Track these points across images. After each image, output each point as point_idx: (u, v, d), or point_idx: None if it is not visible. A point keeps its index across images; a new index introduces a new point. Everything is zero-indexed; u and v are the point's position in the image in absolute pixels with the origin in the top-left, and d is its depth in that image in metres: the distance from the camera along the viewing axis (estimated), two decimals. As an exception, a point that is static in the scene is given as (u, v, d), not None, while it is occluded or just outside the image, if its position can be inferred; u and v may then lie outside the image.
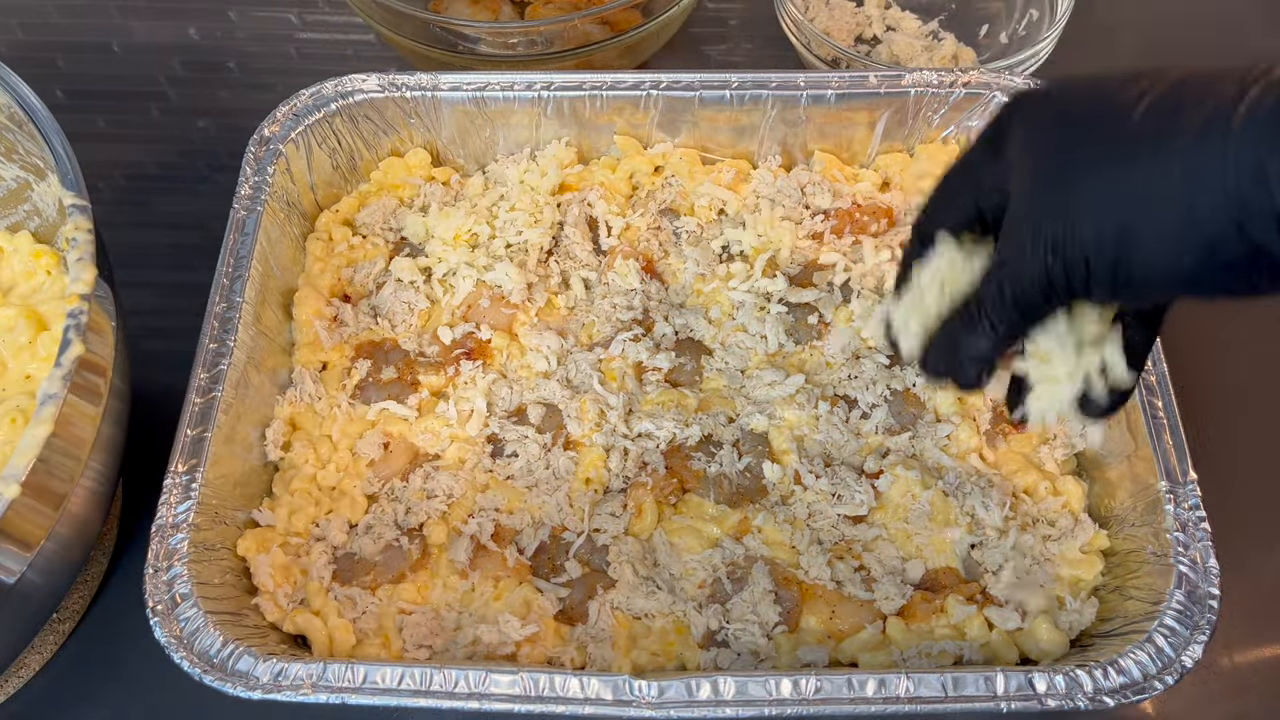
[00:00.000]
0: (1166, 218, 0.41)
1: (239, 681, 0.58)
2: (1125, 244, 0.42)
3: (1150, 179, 0.41)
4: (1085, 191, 0.43)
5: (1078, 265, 0.43)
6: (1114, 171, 0.42)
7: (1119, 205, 0.42)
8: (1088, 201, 0.42)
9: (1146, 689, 0.57)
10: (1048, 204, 0.44)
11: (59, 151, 0.63)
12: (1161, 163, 0.40)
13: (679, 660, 0.65)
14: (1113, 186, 0.42)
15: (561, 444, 0.72)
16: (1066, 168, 0.44)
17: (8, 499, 0.51)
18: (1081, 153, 0.43)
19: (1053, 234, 0.43)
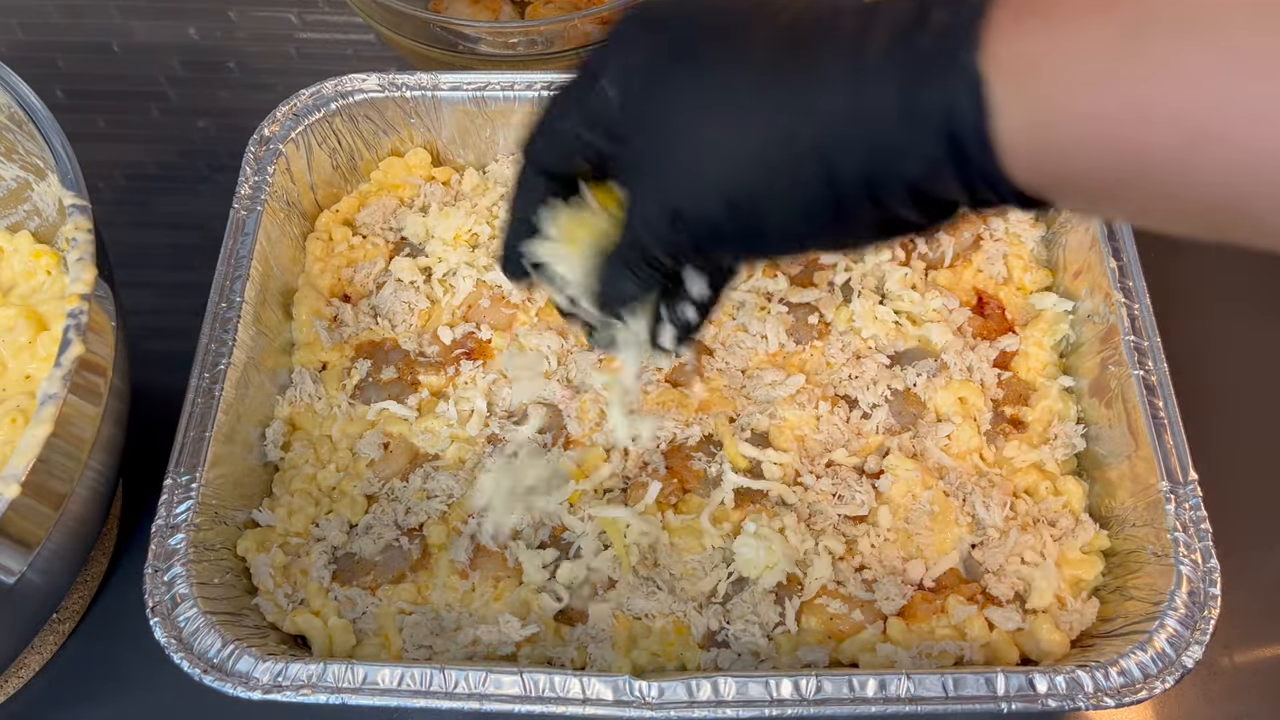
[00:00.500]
0: (796, 173, 0.36)
1: (239, 682, 0.58)
2: (754, 206, 0.38)
3: (774, 129, 0.36)
4: (704, 148, 0.38)
5: (705, 231, 0.39)
6: (735, 124, 0.37)
7: (742, 162, 0.37)
8: (708, 160, 0.38)
9: (1147, 689, 0.57)
10: (666, 165, 0.39)
11: (59, 151, 0.63)
12: (786, 111, 0.36)
13: (679, 660, 0.65)
14: (735, 141, 0.37)
15: (562, 444, 0.72)
16: (682, 119, 0.39)
17: (8, 499, 0.51)
18: (698, 101, 0.38)
19: (675, 201, 0.39)
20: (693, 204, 0.39)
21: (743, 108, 0.37)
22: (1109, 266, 0.72)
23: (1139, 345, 0.69)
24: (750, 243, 0.40)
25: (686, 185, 0.39)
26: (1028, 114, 0.32)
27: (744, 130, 0.37)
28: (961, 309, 0.77)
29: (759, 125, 0.37)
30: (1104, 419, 0.70)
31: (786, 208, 0.37)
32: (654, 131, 0.40)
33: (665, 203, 0.40)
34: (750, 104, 0.37)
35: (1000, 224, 0.80)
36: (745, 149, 0.37)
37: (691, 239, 0.40)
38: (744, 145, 0.37)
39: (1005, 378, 0.75)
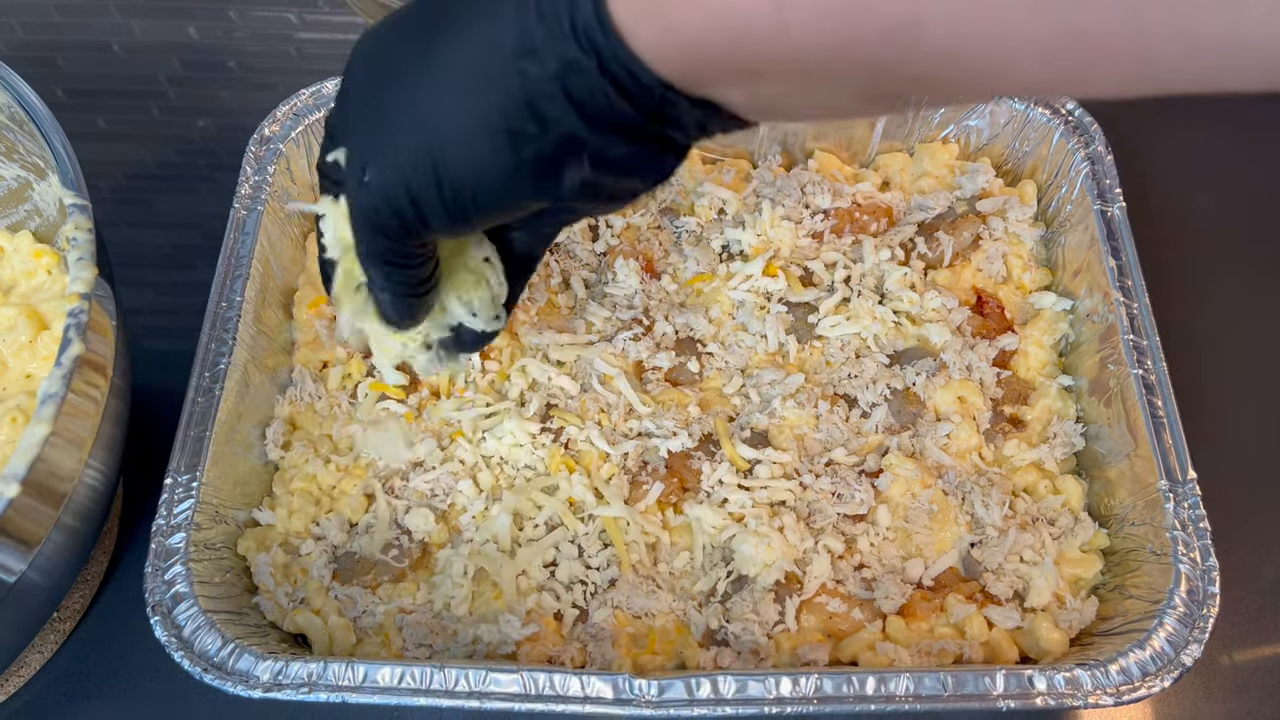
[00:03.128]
0: (466, 124, 0.37)
1: (239, 680, 0.58)
2: (441, 167, 0.38)
3: (436, 85, 0.37)
4: (389, 118, 0.39)
5: (404, 201, 0.40)
6: (405, 87, 0.39)
7: (418, 124, 0.38)
8: (393, 127, 0.39)
9: (1146, 688, 0.57)
10: (365, 141, 0.41)
11: (59, 151, 0.63)
12: (440, 63, 0.37)
13: (679, 659, 0.65)
14: (408, 104, 0.39)
15: (562, 443, 0.72)
16: (372, 97, 0.41)
17: (8, 498, 0.51)
18: (380, 78, 0.41)
19: (364, 165, 0.40)
20: (378, 167, 0.40)
21: (404, 70, 0.39)
22: (1108, 265, 0.72)
23: (1138, 344, 0.69)
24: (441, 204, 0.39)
25: (371, 151, 0.40)
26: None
27: (409, 90, 0.38)
28: (961, 308, 0.77)
29: (421, 83, 0.38)
30: (1103, 418, 0.70)
31: (464, 156, 0.38)
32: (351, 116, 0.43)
33: (353, 170, 0.41)
34: (410, 66, 0.38)
35: (999, 223, 0.80)
36: (413, 109, 0.38)
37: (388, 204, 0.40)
38: (411, 105, 0.38)
39: (1004, 377, 0.75)
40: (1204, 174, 0.90)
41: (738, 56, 0.33)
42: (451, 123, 0.37)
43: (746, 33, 0.32)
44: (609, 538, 0.68)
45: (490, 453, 0.72)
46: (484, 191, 0.39)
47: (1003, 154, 0.83)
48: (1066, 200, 0.78)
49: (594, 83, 0.35)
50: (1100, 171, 0.76)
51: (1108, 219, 0.74)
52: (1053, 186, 0.80)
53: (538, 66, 0.35)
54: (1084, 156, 0.77)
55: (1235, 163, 0.92)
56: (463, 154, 0.38)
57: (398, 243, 0.42)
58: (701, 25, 0.33)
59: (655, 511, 0.69)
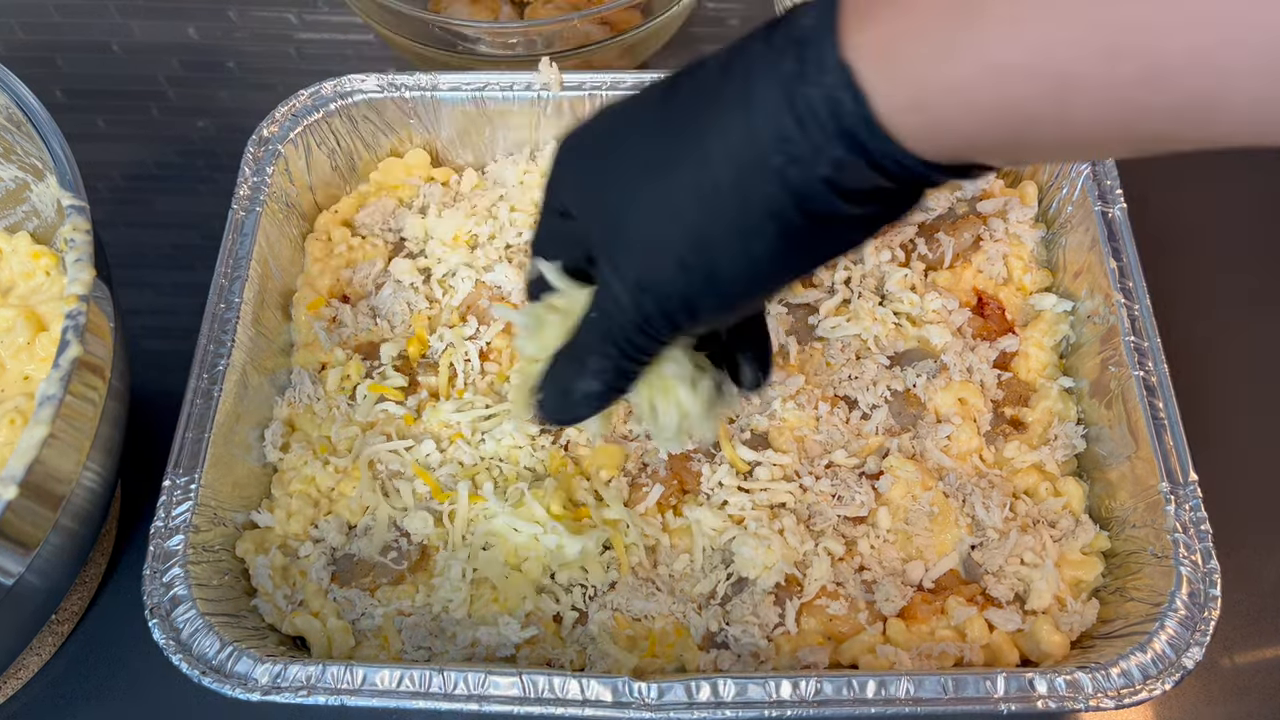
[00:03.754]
0: (732, 225, 0.37)
1: (237, 683, 0.58)
2: (703, 260, 0.38)
3: (693, 190, 0.37)
4: (639, 221, 0.39)
5: (672, 300, 0.40)
6: (657, 194, 0.39)
7: (681, 230, 0.38)
8: (647, 229, 0.39)
9: (1147, 691, 0.57)
10: (616, 241, 0.41)
11: (57, 152, 0.63)
12: (692, 166, 0.37)
13: (679, 662, 0.65)
14: (664, 210, 0.38)
15: (562, 445, 0.72)
16: (617, 197, 0.41)
17: (6, 500, 0.51)
18: (624, 176, 0.40)
19: (634, 274, 0.40)
20: (649, 275, 0.40)
21: (655, 174, 0.38)
22: (1109, 267, 0.72)
23: (1139, 346, 0.69)
24: (717, 299, 0.40)
25: (637, 258, 0.40)
26: (901, 94, 0.33)
27: (666, 194, 0.38)
28: (961, 309, 0.77)
29: (677, 185, 0.38)
30: (1104, 420, 0.70)
31: (733, 252, 0.38)
32: (598, 223, 0.42)
33: (624, 281, 0.41)
34: (661, 168, 0.38)
35: (1000, 224, 0.80)
36: (673, 211, 0.38)
37: (659, 310, 0.41)
38: (670, 207, 0.38)
39: (1005, 378, 0.75)
40: (1205, 175, 0.90)
41: (1012, 143, 0.34)
42: (716, 225, 0.38)
43: (1025, 126, 0.32)
44: (609, 539, 0.67)
45: (490, 454, 0.72)
46: (754, 282, 0.39)
47: (1003, 155, 0.83)
48: (1067, 201, 0.78)
49: (862, 175, 0.35)
50: (1101, 172, 0.76)
51: (1109, 220, 0.74)
52: (1054, 187, 0.80)
53: (802, 169, 0.35)
54: (1085, 157, 0.77)
55: (1236, 164, 0.92)
56: (732, 253, 0.38)
57: (652, 341, 0.43)
58: (976, 124, 0.33)
59: (655, 514, 0.69)
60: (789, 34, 0.35)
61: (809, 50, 0.34)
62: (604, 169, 0.42)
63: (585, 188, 0.43)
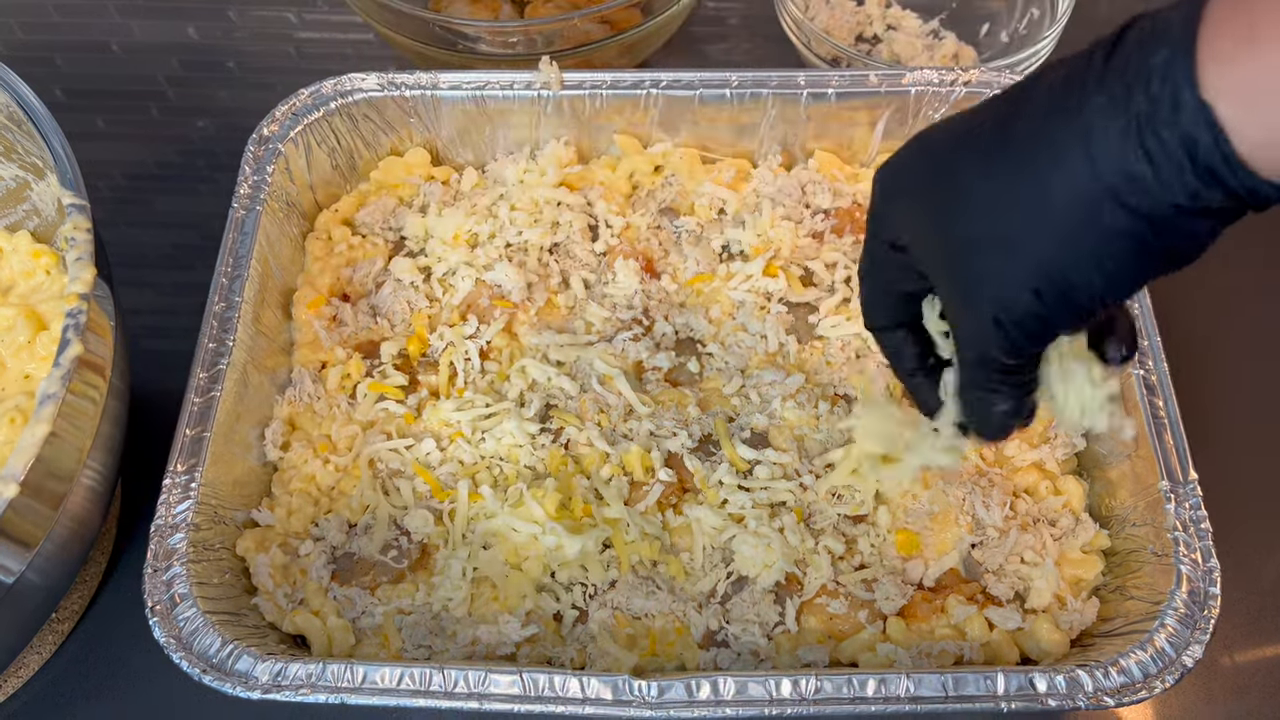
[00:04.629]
0: (1077, 247, 0.39)
1: (238, 681, 0.58)
2: (1057, 286, 0.40)
3: (1038, 216, 0.39)
4: (987, 253, 0.41)
5: (1031, 322, 0.42)
6: (1000, 223, 0.40)
7: (1027, 253, 0.40)
8: (995, 262, 0.41)
9: (1147, 689, 0.57)
10: (965, 278, 0.43)
11: (58, 151, 0.63)
12: (1035, 195, 0.39)
13: (679, 660, 0.65)
14: (1009, 237, 0.40)
15: (562, 444, 0.72)
16: (960, 234, 0.42)
17: (6, 499, 0.51)
18: (963, 214, 0.41)
19: (989, 309, 0.42)
20: (1004, 306, 0.42)
21: (995, 212, 0.40)
22: (1109, 266, 0.72)
23: (1139, 345, 0.69)
24: (1070, 316, 0.42)
25: (991, 291, 0.42)
26: (1261, 132, 0.34)
27: (1008, 230, 0.40)
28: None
29: (1020, 222, 0.39)
30: (1104, 418, 0.70)
31: (1086, 276, 0.40)
32: (941, 261, 0.44)
33: (980, 315, 0.43)
34: (1001, 206, 0.40)
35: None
36: (1018, 245, 0.40)
37: (1021, 334, 0.42)
38: (1015, 243, 0.40)
39: (1005, 377, 0.75)
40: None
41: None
42: (1065, 254, 0.39)
43: None
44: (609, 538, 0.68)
45: (490, 453, 0.72)
46: (1109, 294, 0.41)
47: (1003, 154, 0.83)
48: (1067, 200, 0.78)
49: (1218, 200, 0.37)
50: (1101, 171, 0.76)
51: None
52: (1053, 186, 0.80)
53: (1152, 200, 0.37)
54: (1085, 156, 0.77)
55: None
56: (1085, 276, 0.40)
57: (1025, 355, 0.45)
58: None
59: (655, 512, 0.69)
60: (1135, 70, 0.36)
61: (1162, 89, 0.35)
62: (940, 206, 0.43)
63: (922, 224, 0.44)
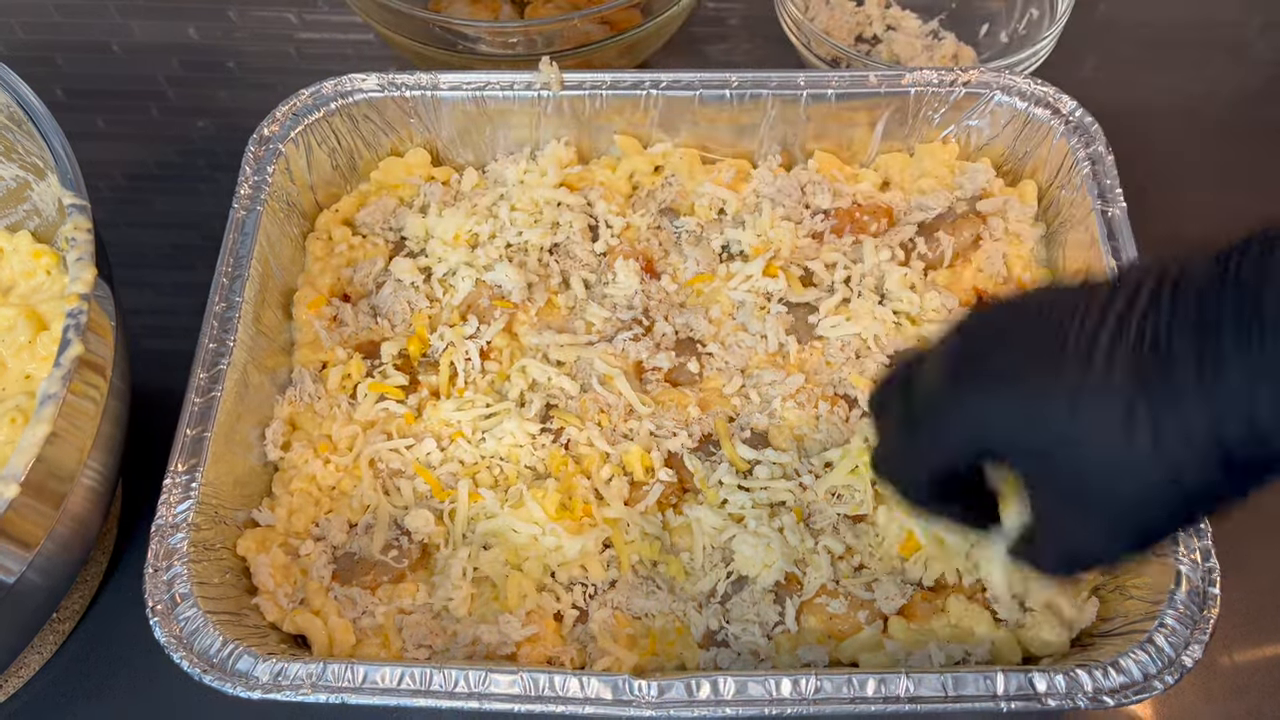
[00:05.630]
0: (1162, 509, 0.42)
1: (239, 681, 0.58)
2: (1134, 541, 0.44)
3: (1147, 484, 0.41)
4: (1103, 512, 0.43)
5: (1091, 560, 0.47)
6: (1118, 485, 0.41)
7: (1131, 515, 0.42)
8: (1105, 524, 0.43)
9: (1147, 689, 0.57)
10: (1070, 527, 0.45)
11: (58, 151, 0.63)
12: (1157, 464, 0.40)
13: (679, 660, 0.65)
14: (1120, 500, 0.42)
15: (563, 444, 0.72)
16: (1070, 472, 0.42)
17: (7, 499, 0.51)
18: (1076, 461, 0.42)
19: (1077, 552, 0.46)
20: (1091, 557, 0.46)
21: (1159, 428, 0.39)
22: (1109, 266, 0.72)
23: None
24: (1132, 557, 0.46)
25: (1088, 545, 0.45)
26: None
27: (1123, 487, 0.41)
28: (961, 308, 0.77)
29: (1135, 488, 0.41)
30: (1103, 418, 0.70)
31: (1153, 534, 0.44)
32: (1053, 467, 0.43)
33: (1067, 553, 0.46)
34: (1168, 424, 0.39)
35: (1000, 223, 0.80)
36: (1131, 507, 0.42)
37: (1079, 565, 0.47)
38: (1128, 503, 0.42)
39: (1005, 377, 0.75)
40: (1204, 174, 0.90)
41: None
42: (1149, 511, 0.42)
43: None
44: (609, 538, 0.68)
45: (490, 453, 0.72)
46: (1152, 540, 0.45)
47: (1003, 154, 0.83)
48: (1067, 200, 0.78)
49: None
50: (1101, 171, 0.76)
51: (1108, 219, 0.74)
52: (1053, 186, 0.80)
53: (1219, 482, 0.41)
54: (1084, 156, 0.77)
55: (1236, 164, 0.92)
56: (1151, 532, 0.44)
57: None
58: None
59: (655, 512, 0.69)
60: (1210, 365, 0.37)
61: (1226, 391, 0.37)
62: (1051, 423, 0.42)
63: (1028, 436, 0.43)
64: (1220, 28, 1.03)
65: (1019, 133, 0.81)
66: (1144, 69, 1.01)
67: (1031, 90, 0.80)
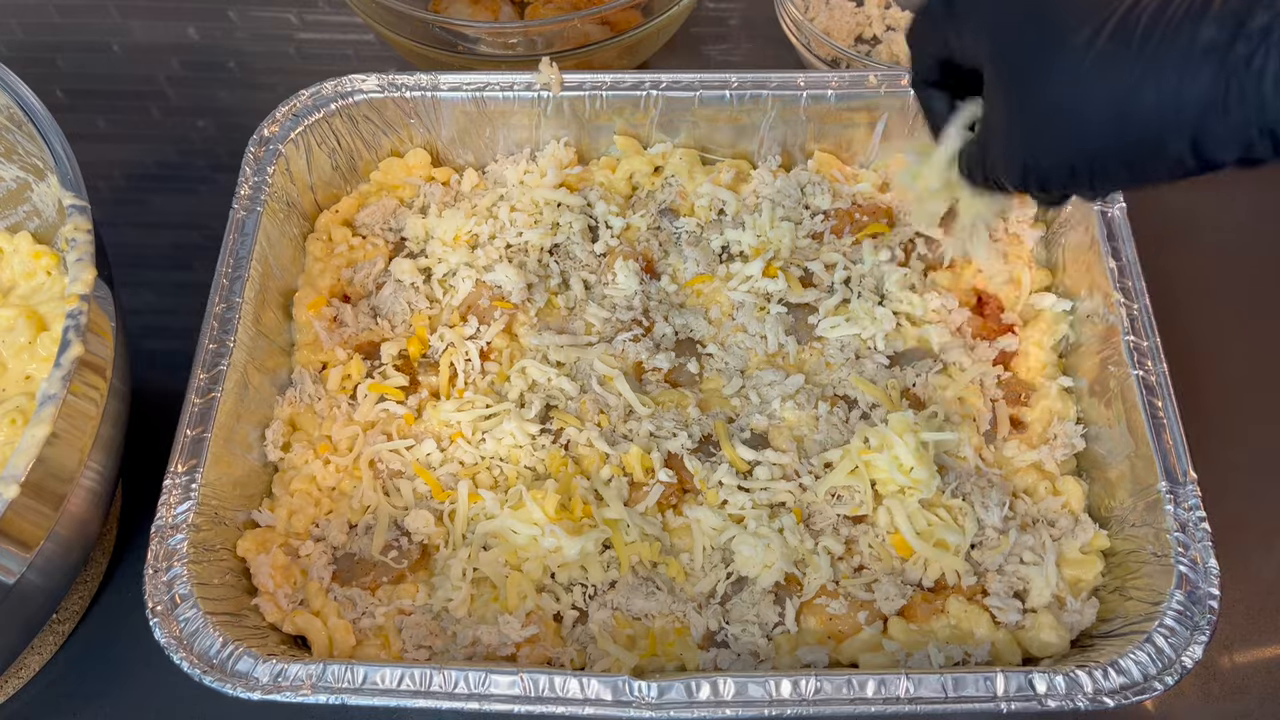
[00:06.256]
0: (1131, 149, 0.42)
1: (239, 682, 0.58)
2: (1092, 169, 0.44)
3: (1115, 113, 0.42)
4: (1057, 121, 0.44)
5: (1048, 181, 0.46)
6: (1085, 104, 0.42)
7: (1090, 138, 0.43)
8: (1060, 133, 0.44)
9: (1146, 689, 0.57)
10: (1018, 128, 0.46)
11: (58, 152, 0.63)
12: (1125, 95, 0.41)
13: (679, 661, 0.65)
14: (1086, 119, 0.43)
15: (562, 445, 0.72)
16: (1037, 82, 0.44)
17: (7, 499, 0.51)
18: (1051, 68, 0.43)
19: (1024, 159, 0.46)
20: (1039, 167, 0.46)
21: (1090, 90, 0.42)
22: (1108, 266, 0.72)
23: (1138, 345, 0.69)
24: (1079, 187, 0.46)
25: (1036, 151, 0.46)
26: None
27: (1093, 108, 0.42)
28: (961, 309, 0.77)
29: (1103, 109, 0.42)
30: (1103, 419, 0.70)
31: (1118, 169, 0.44)
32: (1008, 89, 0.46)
33: (1014, 158, 0.47)
34: (1098, 89, 0.42)
35: (1000, 224, 0.80)
36: (1095, 128, 0.43)
37: (1036, 184, 0.47)
38: (1094, 124, 0.43)
39: (1005, 377, 0.75)
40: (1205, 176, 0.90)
41: None
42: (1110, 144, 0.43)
43: None
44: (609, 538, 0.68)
45: (490, 454, 0.72)
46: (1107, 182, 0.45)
47: (1003, 154, 0.83)
48: (1067, 201, 0.78)
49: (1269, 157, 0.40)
50: (1100, 172, 0.76)
51: (1108, 220, 0.74)
52: (1053, 187, 0.80)
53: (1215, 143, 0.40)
54: (1084, 157, 0.77)
55: (1236, 163, 0.92)
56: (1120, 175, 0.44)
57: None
58: None
59: (655, 513, 0.69)
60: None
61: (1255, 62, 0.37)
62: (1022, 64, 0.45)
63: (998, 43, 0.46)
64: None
65: (1019, 133, 0.81)
66: (1144, 69, 1.00)
67: (1031, 91, 0.80)
